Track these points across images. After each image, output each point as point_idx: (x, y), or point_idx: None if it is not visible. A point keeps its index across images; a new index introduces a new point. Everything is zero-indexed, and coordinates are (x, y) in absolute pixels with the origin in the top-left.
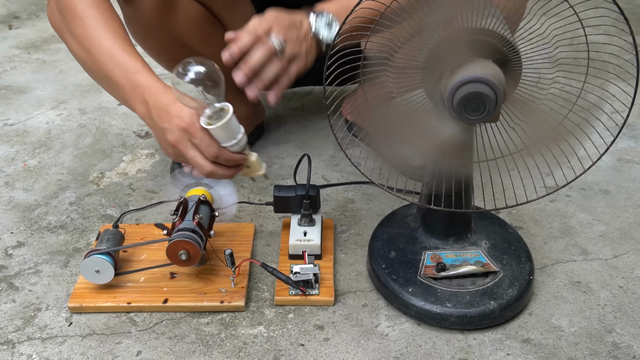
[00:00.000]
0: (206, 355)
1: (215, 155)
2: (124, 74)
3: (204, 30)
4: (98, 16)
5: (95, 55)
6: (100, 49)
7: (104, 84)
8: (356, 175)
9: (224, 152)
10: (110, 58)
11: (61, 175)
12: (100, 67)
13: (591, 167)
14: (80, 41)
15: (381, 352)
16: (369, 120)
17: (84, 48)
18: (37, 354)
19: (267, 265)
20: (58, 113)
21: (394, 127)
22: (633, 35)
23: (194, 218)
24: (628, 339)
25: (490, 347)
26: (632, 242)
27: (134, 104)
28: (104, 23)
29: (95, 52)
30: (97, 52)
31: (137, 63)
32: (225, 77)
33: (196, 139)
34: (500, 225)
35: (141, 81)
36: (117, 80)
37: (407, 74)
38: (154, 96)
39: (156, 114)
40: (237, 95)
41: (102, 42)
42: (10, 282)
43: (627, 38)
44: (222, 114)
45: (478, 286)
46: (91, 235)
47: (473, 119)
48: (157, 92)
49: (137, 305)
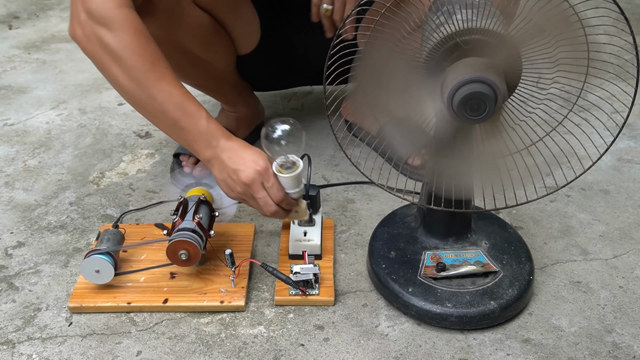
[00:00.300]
0: (206, 355)
1: (281, 199)
2: (190, 120)
3: (207, 37)
4: (147, 53)
5: (155, 96)
6: (161, 91)
7: (159, 122)
8: (356, 175)
9: (287, 197)
10: (172, 102)
11: (61, 175)
12: (161, 108)
13: (591, 167)
14: (132, 77)
15: (381, 352)
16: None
17: (137, 85)
18: (37, 354)
19: (267, 265)
20: (58, 113)
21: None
22: (633, 35)
23: (194, 218)
24: (628, 339)
25: (490, 347)
26: (632, 242)
27: (199, 147)
28: (157, 61)
29: (154, 94)
30: (157, 93)
31: (200, 110)
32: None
33: (268, 183)
34: (500, 225)
35: (209, 128)
36: (182, 125)
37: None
38: (223, 141)
39: (227, 156)
40: (238, 97)
41: (161, 84)
42: (10, 282)
43: (627, 38)
44: (292, 166)
45: (478, 286)
46: (91, 235)
47: (473, 119)
48: (225, 137)
49: (137, 305)
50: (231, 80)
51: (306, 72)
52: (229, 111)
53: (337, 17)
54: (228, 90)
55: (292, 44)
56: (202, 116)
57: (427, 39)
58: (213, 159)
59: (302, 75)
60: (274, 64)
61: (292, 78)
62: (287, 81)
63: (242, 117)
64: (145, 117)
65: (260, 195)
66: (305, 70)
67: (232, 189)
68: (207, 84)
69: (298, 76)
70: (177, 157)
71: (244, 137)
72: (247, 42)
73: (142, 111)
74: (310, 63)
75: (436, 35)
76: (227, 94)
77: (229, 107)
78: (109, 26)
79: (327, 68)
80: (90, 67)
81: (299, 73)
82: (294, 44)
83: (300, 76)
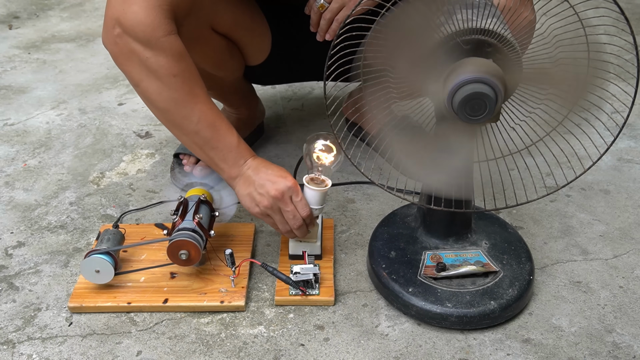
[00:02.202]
0: (206, 355)
1: (308, 215)
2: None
3: (221, 59)
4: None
5: (190, 117)
6: (196, 112)
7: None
8: (356, 175)
9: (312, 214)
10: (206, 122)
11: (61, 175)
12: (194, 129)
13: (591, 167)
14: (170, 98)
15: (381, 352)
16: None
17: (174, 105)
18: (37, 353)
19: (267, 265)
20: (58, 113)
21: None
22: (633, 35)
23: (194, 218)
24: (628, 339)
25: (490, 347)
26: (632, 242)
27: (226, 166)
28: (195, 84)
29: (190, 115)
30: (193, 114)
31: (231, 130)
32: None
33: (297, 198)
34: (500, 225)
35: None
36: (214, 144)
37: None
38: (250, 159)
39: (253, 172)
40: (241, 100)
41: (197, 105)
42: (10, 282)
43: (627, 38)
44: (321, 183)
45: (478, 286)
46: (91, 235)
47: (473, 119)
48: (252, 156)
49: (137, 305)
50: (237, 88)
51: (313, 71)
52: (231, 112)
53: (328, 17)
54: (233, 96)
55: (300, 51)
56: (232, 135)
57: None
58: (239, 177)
59: (309, 74)
60: (281, 68)
61: (297, 76)
62: (293, 79)
63: (243, 117)
64: (176, 135)
65: (289, 209)
66: (312, 70)
67: (258, 203)
68: (214, 92)
69: (305, 75)
70: (177, 157)
71: (244, 137)
72: (258, 56)
73: (174, 129)
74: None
75: (436, 36)
76: (231, 99)
77: (230, 108)
78: (151, 46)
79: (327, 68)
80: (90, 67)
81: (306, 74)
82: (302, 51)
83: (307, 75)
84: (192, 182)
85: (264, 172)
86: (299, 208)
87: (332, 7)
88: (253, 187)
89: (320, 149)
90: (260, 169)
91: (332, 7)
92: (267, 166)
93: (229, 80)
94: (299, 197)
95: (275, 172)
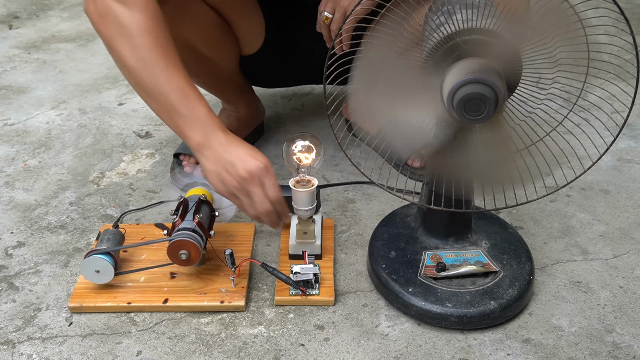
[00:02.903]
0: (206, 355)
1: (277, 199)
2: (190, 105)
3: (213, 35)
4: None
5: (159, 78)
6: (166, 74)
7: (157, 105)
8: (356, 175)
9: (283, 200)
10: (175, 86)
11: (61, 175)
12: (161, 91)
13: (591, 167)
14: (140, 56)
15: (381, 352)
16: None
17: (143, 64)
18: (37, 353)
19: (267, 265)
20: (58, 113)
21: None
22: (633, 35)
23: (194, 218)
24: (628, 339)
25: (490, 347)
26: (632, 242)
27: (191, 133)
28: (167, 46)
29: (159, 76)
30: (162, 76)
31: (202, 100)
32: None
33: (267, 179)
34: (500, 225)
35: (207, 117)
36: (180, 109)
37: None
38: (219, 132)
39: (223, 148)
40: (240, 97)
41: (167, 67)
42: (10, 282)
43: (627, 38)
44: (307, 184)
45: (478, 286)
46: (91, 235)
47: (473, 119)
48: (222, 130)
49: (137, 305)
50: (234, 80)
51: (311, 73)
52: (230, 111)
53: (334, 27)
54: (231, 89)
55: (297, 46)
56: (202, 105)
57: (427, 39)
58: (205, 147)
59: (306, 76)
60: (278, 65)
61: (295, 78)
62: (291, 80)
63: (242, 117)
64: (143, 98)
65: (257, 191)
66: (309, 70)
67: (225, 181)
68: (211, 82)
69: (302, 76)
70: (177, 157)
71: (244, 137)
72: (252, 42)
73: (141, 91)
74: (316, 64)
75: (436, 35)
76: (229, 93)
77: (230, 106)
78: (126, 3)
79: (327, 68)
80: (90, 67)
81: (303, 73)
82: (299, 46)
83: (304, 76)
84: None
85: (234, 149)
86: (269, 192)
87: (336, 18)
88: (221, 164)
89: (299, 150)
90: (231, 145)
91: (336, 18)
92: (238, 144)
93: (225, 67)
94: (268, 179)
95: (246, 150)
